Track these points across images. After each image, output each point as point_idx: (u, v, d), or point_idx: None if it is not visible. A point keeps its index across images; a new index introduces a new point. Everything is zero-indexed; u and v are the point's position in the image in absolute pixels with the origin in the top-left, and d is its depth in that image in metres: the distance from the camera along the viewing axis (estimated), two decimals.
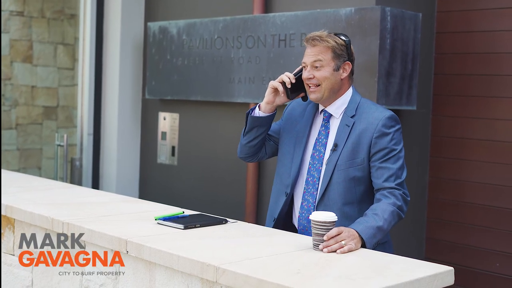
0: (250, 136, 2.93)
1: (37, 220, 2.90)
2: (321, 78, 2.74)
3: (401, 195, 2.67)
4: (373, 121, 2.72)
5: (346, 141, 2.74)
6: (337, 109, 2.81)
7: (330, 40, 2.74)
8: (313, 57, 2.74)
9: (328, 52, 2.73)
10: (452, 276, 2.25)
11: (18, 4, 6.42)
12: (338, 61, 2.75)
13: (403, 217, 2.68)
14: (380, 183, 2.69)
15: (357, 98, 2.83)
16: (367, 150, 2.72)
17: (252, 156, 3.01)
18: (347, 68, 2.78)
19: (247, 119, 2.91)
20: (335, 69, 2.75)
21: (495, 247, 4.13)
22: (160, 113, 5.28)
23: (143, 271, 2.45)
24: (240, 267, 2.12)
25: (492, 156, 4.15)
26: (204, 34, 4.78)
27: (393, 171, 2.69)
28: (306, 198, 2.82)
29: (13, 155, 6.47)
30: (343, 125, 2.77)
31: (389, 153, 2.70)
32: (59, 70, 6.68)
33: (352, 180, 2.73)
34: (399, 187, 2.68)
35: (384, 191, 2.68)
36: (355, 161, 2.72)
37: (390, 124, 2.73)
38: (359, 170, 2.73)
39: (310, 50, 2.76)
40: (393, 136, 2.72)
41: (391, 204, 2.63)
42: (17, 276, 3.06)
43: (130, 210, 3.06)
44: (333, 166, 2.74)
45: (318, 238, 2.38)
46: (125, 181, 5.42)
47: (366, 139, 2.72)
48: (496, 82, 4.14)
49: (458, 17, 4.27)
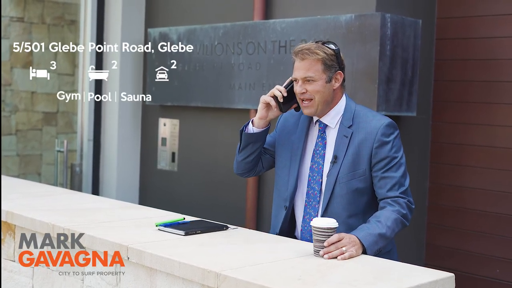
0: (246, 152, 2.90)
1: (37, 226, 2.90)
2: (313, 91, 2.70)
3: (405, 203, 2.66)
4: (372, 130, 2.69)
5: (345, 153, 2.71)
6: (332, 119, 2.77)
7: (320, 52, 2.68)
8: (304, 72, 2.69)
9: (318, 64, 2.68)
10: (452, 282, 2.25)
11: (18, 10, 6.43)
12: (329, 73, 2.70)
13: (408, 225, 2.67)
14: (384, 193, 2.67)
15: (351, 105, 2.79)
16: (368, 161, 2.70)
17: (249, 172, 2.99)
18: (339, 77, 2.74)
19: (241, 136, 2.89)
20: (327, 81, 2.71)
21: (496, 253, 4.13)
22: (160, 119, 5.28)
23: (144, 277, 2.45)
24: (241, 274, 2.12)
25: (492, 162, 4.15)
26: (205, 40, 4.78)
27: (396, 179, 2.67)
28: (308, 211, 2.78)
29: (13, 161, 6.47)
30: (341, 136, 2.74)
31: (391, 161, 2.68)
32: (59, 75, 6.68)
33: (355, 192, 2.70)
34: (403, 195, 2.67)
35: (388, 200, 2.66)
36: (357, 172, 2.70)
37: (389, 132, 2.70)
38: (361, 181, 2.70)
39: (300, 64, 2.70)
40: (393, 143, 2.70)
41: (396, 211, 2.62)
42: (17, 282, 3.05)
43: (131, 216, 3.06)
44: (334, 179, 2.71)
45: (319, 244, 2.37)
46: (125, 187, 5.42)
47: (366, 149, 2.69)
48: (496, 88, 4.14)
49: (458, 23, 4.28)
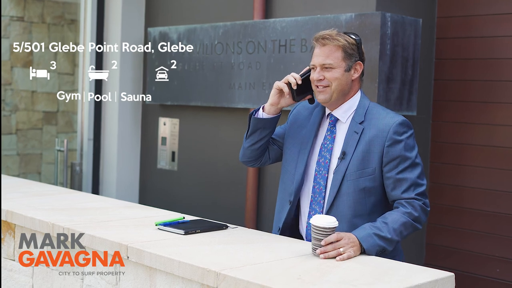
0: (253, 138, 2.80)
1: (37, 226, 2.90)
2: (331, 78, 2.61)
3: (420, 206, 2.56)
4: (384, 128, 2.59)
5: (355, 149, 2.61)
6: (344, 113, 2.68)
7: (341, 39, 2.61)
8: (323, 59, 2.61)
9: (338, 51, 2.60)
10: (452, 282, 2.25)
11: (18, 9, 6.43)
12: (349, 61, 2.62)
13: (420, 228, 2.57)
14: (399, 195, 2.57)
15: (365, 102, 2.69)
16: (378, 160, 2.59)
17: (255, 161, 2.89)
18: (358, 68, 2.66)
19: (250, 120, 2.79)
20: (346, 70, 2.62)
21: (495, 252, 4.13)
22: (160, 119, 5.28)
23: (144, 276, 2.45)
24: (241, 273, 2.12)
25: (492, 162, 4.14)
26: (205, 39, 4.78)
27: (412, 180, 2.57)
28: (313, 207, 2.70)
29: (13, 160, 6.47)
30: (352, 132, 2.64)
31: (404, 162, 2.58)
32: (59, 75, 6.68)
33: (363, 191, 2.60)
34: (419, 197, 2.57)
35: (402, 201, 2.56)
36: (366, 170, 2.60)
37: (401, 131, 2.59)
38: (370, 181, 2.60)
39: (320, 50, 2.62)
40: (406, 142, 2.59)
41: (406, 214, 2.52)
42: (17, 282, 3.06)
43: (131, 216, 3.06)
44: (342, 176, 2.61)
45: (316, 243, 2.35)
46: (125, 187, 5.42)
47: (377, 147, 2.59)
48: (496, 88, 4.14)
49: (458, 22, 4.28)
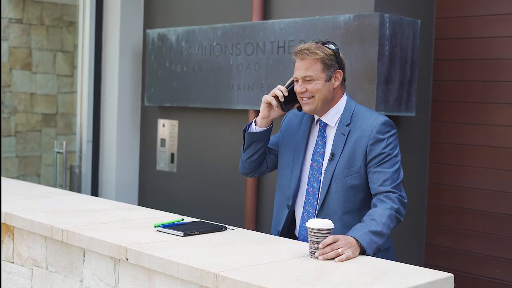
0: (250, 151, 2.95)
1: (36, 228, 2.90)
2: (313, 90, 2.75)
3: (397, 198, 2.67)
4: (368, 128, 2.74)
5: (342, 150, 2.76)
6: (331, 118, 2.82)
7: (319, 52, 2.74)
8: (304, 72, 2.75)
9: (317, 63, 2.74)
10: (452, 283, 2.25)
11: (17, 11, 6.43)
12: (328, 72, 2.76)
13: (402, 220, 2.68)
14: (376, 188, 2.70)
15: (351, 105, 2.83)
16: (363, 158, 2.73)
17: (254, 171, 3.03)
18: (338, 76, 2.79)
19: (244, 135, 2.93)
20: (327, 80, 2.76)
21: (495, 253, 4.13)
22: (159, 120, 5.28)
23: (143, 278, 2.45)
24: (240, 274, 2.12)
25: (491, 162, 4.15)
26: (203, 41, 4.78)
27: (388, 174, 2.69)
28: (307, 208, 2.83)
29: (12, 162, 6.47)
30: (339, 134, 2.79)
31: (384, 158, 2.71)
32: (58, 77, 6.69)
33: (350, 189, 2.75)
34: (395, 190, 2.68)
35: (380, 196, 2.68)
36: (352, 169, 2.74)
37: (384, 130, 2.74)
38: (356, 178, 2.74)
39: (300, 63, 2.77)
40: (388, 141, 2.73)
41: (388, 208, 2.63)
42: (16, 284, 3.06)
43: (130, 218, 3.06)
44: (331, 175, 2.76)
45: (314, 245, 2.37)
46: (125, 188, 5.42)
47: (361, 146, 2.73)
48: (495, 88, 4.14)
49: (457, 23, 4.28)
